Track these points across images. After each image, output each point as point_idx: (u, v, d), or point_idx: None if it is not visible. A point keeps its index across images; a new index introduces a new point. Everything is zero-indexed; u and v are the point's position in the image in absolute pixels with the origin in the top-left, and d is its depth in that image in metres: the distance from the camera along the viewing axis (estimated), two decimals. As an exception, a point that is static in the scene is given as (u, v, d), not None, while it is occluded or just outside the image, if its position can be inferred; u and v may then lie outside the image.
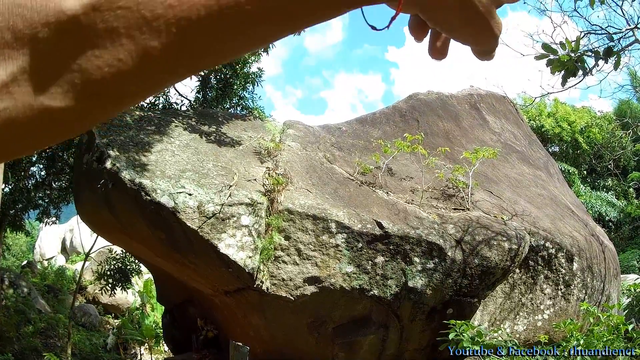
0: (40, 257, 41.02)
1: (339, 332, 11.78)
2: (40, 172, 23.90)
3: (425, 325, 11.94)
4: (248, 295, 11.23)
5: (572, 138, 31.82)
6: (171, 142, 11.97)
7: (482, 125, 17.73)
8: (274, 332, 12.21)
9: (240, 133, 13.36)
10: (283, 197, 11.02)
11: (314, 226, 10.81)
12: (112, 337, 24.35)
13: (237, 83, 18.63)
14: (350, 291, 11.00)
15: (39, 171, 23.96)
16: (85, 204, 12.85)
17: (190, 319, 14.69)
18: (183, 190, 10.30)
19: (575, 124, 31.98)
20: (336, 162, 13.14)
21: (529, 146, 18.99)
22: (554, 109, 33.10)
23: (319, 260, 10.86)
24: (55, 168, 22.89)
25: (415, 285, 11.11)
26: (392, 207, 11.78)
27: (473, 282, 11.50)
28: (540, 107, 32.04)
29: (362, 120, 15.74)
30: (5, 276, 22.97)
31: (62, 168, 22.98)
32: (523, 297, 13.00)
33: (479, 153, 13.41)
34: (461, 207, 12.59)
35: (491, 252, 11.41)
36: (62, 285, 29.72)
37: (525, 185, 15.46)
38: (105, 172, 10.73)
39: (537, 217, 13.29)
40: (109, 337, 24.40)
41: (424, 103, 16.79)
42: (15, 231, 26.31)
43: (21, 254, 43.11)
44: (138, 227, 11.14)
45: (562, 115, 32.32)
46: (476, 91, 19.19)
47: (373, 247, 11.00)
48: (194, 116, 13.89)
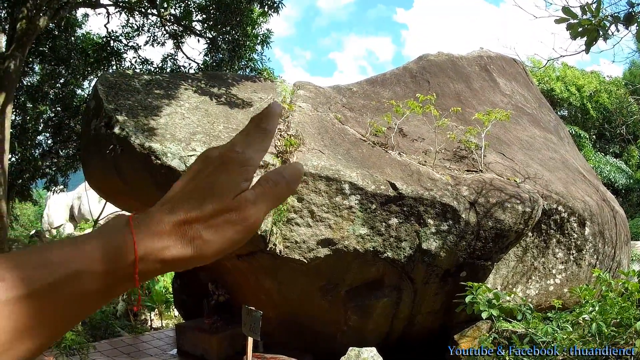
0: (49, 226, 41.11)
1: (352, 295, 11.72)
2: (47, 141, 23.86)
3: (438, 288, 11.87)
4: (260, 259, 11.14)
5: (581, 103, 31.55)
6: (180, 105, 11.80)
7: (493, 87, 17.55)
8: (287, 296, 12.15)
9: (251, 95, 13.18)
10: (295, 158, 10.88)
11: (327, 187, 10.68)
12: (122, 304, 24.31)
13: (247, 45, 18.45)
14: (364, 253, 10.90)
15: (45, 140, 23.93)
16: (93, 170, 12.72)
17: (200, 283, 14.63)
18: (194, 153, 10.16)
19: (584, 89, 31.69)
20: (348, 123, 12.98)
21: (539, 109, 18.82)
22: (562, 72, 32.79)
23: (332, 222, 10.75)
24: (62, 136, 22.85)
25: (429, 247, 11.01)
26: (405, 168, 11.64)
27: (487, 244, 11.40)
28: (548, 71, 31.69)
29: (373, 81, 15.55)
30: (13, 247, 22.90)
31: (69, 136, 22.94)
32: (535, 260, 12.91)
33: (491, 115, 13.26)
34: (474, 168, 12.46)
35: (505, 215, 11.29)
36: (72, 253, 29.68)
37: (536, 148, 15.31)
38: (114, 138, 10.59)
39: (549, 180, 13.16)
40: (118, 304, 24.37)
41: (434, 64, 16.61)
42: (22, 201, 26.33)
43: (29, 224, 43.08)
44: (148, 192, 11.01)
45: (570, 79, 32.01)
46: (486, 53, 19.00)
47: (387, 208, 10.88)
48: (203, 78, 13.70)
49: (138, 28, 20.61)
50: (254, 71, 18.98)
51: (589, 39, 7.65)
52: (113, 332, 19.06)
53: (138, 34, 20.69)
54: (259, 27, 18.59)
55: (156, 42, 20.48)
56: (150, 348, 15.13)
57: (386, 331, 12.57)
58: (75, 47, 21.31)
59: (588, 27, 7.50)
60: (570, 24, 7.53)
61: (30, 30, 15.49)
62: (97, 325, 18.83)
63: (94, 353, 13.10)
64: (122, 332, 19.44)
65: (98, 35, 22.23)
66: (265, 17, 18.07)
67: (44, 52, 21.31)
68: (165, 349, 14.93)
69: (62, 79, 22.62)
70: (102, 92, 11.56)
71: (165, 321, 24.70)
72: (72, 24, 21.22)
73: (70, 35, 21.30)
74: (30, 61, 21.66)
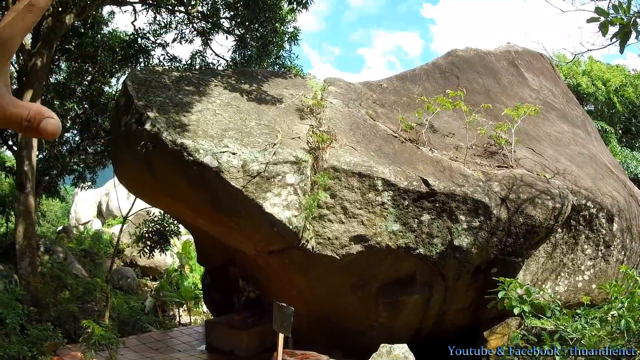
0: (76, 222, 41.33)
1: (383, 291, 11.72)
2: (75, 138, 24.00)
3: (469, 284, 11.86)
4: (292, 255, 11.16)
5: (607, 98, 31.23)
6: (212, 101, 11.82)
7: (521, 82, 17.46)
8: (318, 292, 12.17)
9: (282, 91, 13.19)
10: (328, 154, 10.87)
11: (359, 184, 10.68)
12: (151, 300, 24.49)
13: (275, 41, 18.45)
14: (396, 250, 10.90)
15: (73, 137, 24.07)
16: (124, 166, 12.77)
17: (231, 280, 14.71)
18: (227, 150, 10.18)
19: (610, 83, 31.36)
20: (379, 119, 12.95)
21: (567, 104, 18.70)
22: (588, 66, 32.46)
23: (365, 219, 10.75)
24: (90, 133, 22.97)
25: (461, 243, 10.99)
26: (436, 164, 11.61)
27: (517, 241, 11.36)
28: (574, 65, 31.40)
29: (402, 77, 15.51)
30: (40, 242, 23.07)
31: (97, 132, 23.06)
32: (565, 257, 12.86)
33: (520, 110, 13.19)
34: (504, 164, 12.40)
35: (535, 211, 11.24)
36: (99, 249, 29.83)
37: (565, 143, 15.22)
38: (145, 134, 10.62)
39: (578, 175, 13.09)
40: (147, 300, 24.53)
41: (462, 59, 16.55)
42: (50, 197, 26.53)
43: (56, 220, 43.39)
44: (180, 188, 11.06)
45: (596, 73, 31.68)
46: (513, 48, 18.89)
47: (419, 204, 10.87)
48: (233, 75, 13.71)
49: (165, 25, 20.58)
50: (283, 68, 18.97)
51: (623, 38, 7.57)
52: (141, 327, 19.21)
53: (166, 31, 20.68)
54: (288, 23, 18.62)
55: (184, 39, 20.44)
56: (179, 344, 15.20)
57: (416, 327, 12.58)
58: (102, 44, 21.37)
59: (621, 25, 7.42)
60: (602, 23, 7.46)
61: (57, 27, 15.60)
62: (125, 320, 18.97)
63: (122, 349, 13.19)
64: (150, 328, 19.60)
65: (125, 33, 22.29)
66: (293, 14, 18.07)
67: (70, 50, 21.41)
68: (194, 344, 15.00)
69: (89, 76, 22.69)
70: (132, 89, 11.60)
71: (193, 317, 24.83)
72: (99, 21, 21.28)
73: (97, 32, 21.36)
74: (57, 58, 21.79)
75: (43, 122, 1.14)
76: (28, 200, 15.06)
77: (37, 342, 12.11)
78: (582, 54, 13.13)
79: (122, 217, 22.55)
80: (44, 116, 1.15)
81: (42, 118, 1.15)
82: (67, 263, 23.08)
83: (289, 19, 18.29)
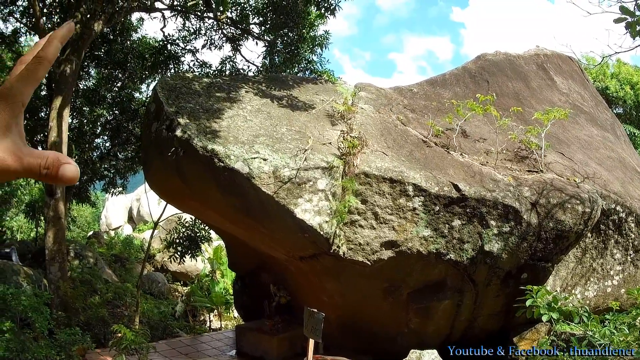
0: (107, 228, 41.79)
1: (414, 297, 11.70)
2: (105, 144, 24.21)
3: (499, 290, 11.79)
4: (323, 261, 11.18)
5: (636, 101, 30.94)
6: (242, 107, 11.88)
7: (550, 85, 17.36)
8: (349, 298, 12.18)
9: (312, 97, 13.23)
10: (359, 160, 10.87)
11: (390, 189, 10.67)
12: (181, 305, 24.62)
13: (304, 47, 18.47)
14: (427, 255, 10.87)
15: (103, 143, 24.30)
16: (154, 172, 12.87)
17: (262, 285, 14.74)
18: (257, 156, 10.22)
19: (638, 86, 31.05)
20: (410, 124, 12.94)
21: (596, 107, 18.57)
22: (616, 69, 32.18)
23: (396, 224, 10.73)
24: (120, 139, 23.15)
25: (492, 249, 10.93)
26: (467, 169, 11.58)
27: (547, 246, 11.28)
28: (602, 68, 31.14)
29: (433, 82, 15.51)
30: (70, 247, 23.32)
31: (128, 138, 23.23)
32: (594, 262, 12.78)
33: (550, 114, 13.12)
34: (535, 169, 12.34)
35: (565, 216, 11.15)
36: (130, 255, 30.14)
37: (594, 147, 15.11)
38: (176, 140, 10.70)
39: (607, 179, 12.99)
40: (177, 305, 24.68)
41: (492, 63, 16.50)
42: (80, 202, 26.79)
43: (87, 225, 43.77)
44: (210, 194, 11.12)
45: (624, 76, 31.40)
46: (542, 51, 18.79)
47: (450, 210, 10.83)
48: (263, 81, 13.78)
49: (195, 31, 20.78)
50: (314, 73, 19.00)
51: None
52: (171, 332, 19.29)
53: (195, 37, 20.86)
54: (316, 29, 18.64)
55: (214, 45, 20.61)
56: (209, 349, 15.28)
57: (446, 333, 12.52)
58: (131, 51, 21.57)
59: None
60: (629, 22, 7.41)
61: (85, 34, 15.76)
62: (155, 325, 19.06)
63: (152, 353, 13.26)
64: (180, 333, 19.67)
65: (154, 39, 22.47)
66: (322, 19, 18.07)
67: (99, 57, 21.65)
68: (224, 350, 15.06)
69: (119, 82, 22.95)
70: (162, 96, 11.69)
71: (224, 322, 24.87)
72: (128, 28, 21.50)
73: (126, 39, 21.57)
74: (87, 65, 22.02)
75: (61, 169, 1.17)
76: (58, 206, 15.21)
77: (65, 346, 12.20)
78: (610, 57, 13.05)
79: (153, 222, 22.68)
80: (62, 162, 1.18)
81: (60, 164, 1.17)
82: (97, 268, 23.32)
83: (317, 24, 18.29)
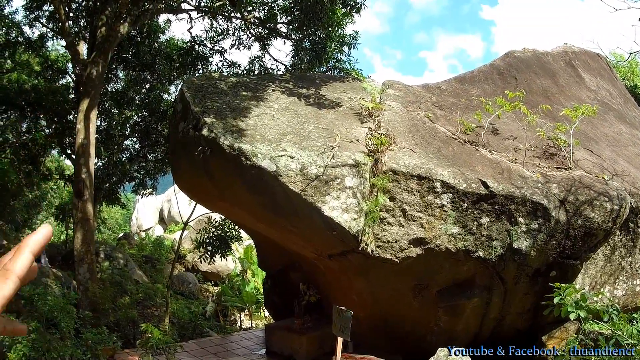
0: (138, 229, 42.11)
1: (443, 295, 11.65)
2: (135, 145, 24.38)
3: (528, 288, 11.70)
4: (352, 259, 11.16)
5: (664, 99, 30.62)
6: (269, 106, 11.91)
7: (579, 82, 17.23)
8: (377, 296, 12.16)
9: (340, 94, 13.23)
10: (387, 157, 10.84)
11: (419, 186, 10.63)
12: (212, 305, 24.73)
13: (332, 46, 18.46)
14: (456, 253, 10.81)
15: (132, 144, 24.47)
16: (182, 172, 12.94)
17: (292, 284, 14.78)
18: (285, 154, 10.22)
19: (667, 84, 30.69)
20: (438, 121, 12.90)
21: (625, 105, 18.39)
22: (644, 66, 31.84)
23: (424, 221, 10.69)
24: (149, 140, 23.29)
25: (520, 246, 10.85)
26: (495, 166, 11.50)
27: (576, 243, 11.16)
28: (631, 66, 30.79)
29: (461, 79, 15.45)
30: (100, 249, 23.51)
31: (157, 140, 23.38)
32: (623, 260, 12.64)
33: (578, 111, 13.02)
34: (563, 166, 12.23)
35: (594, 213, 11.03)
36: (160, 255, 30.23)
37: (623, 144, 14.96)
38: (203, 139, 10.75)
39: (636, 177, 12.84)
40: (208, 305, 24.76)
41: (520, 60, 16.40)
42: (110, 204, 26.97)
43: (117, 227, 44.10)
44: (238, 193, 11.15)
45: (652, 74, 31.06)
46: (570, 48, 18.66)
47: (478, 207, 10.76)
48: (291, 80, 13.80)
49: (222, 32, 20.84)
50: (342, 72, 18.94)
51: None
52: (201, 332, 19.36)
53: (223, 37, 20.91)
54: (344, 27, 18.59)
55: (242, 45, 20.62)
56: (238, 348, 15.32)
57: (475, 332, 12.46)
58: (159, 52, 21.72)
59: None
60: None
61: (111, 37, 15.86)
62: (185, 325, 19.15)
63: (180, 353, 13.32)
64: (210, 332, 19.75)
65: (182, 40, 22.61)
66: (349, 17, 18.02)
67: (127, 59, 21.82)
68: (254, 349, 15.09)
69: (147, 84, 23.12)
70: (188, 95, 11.77)
71: (255, 322, 24.95)
72: (155, 30, 21.61)
73: (153, 41, 21.71)
74: (115, 67, 22.21)
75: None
76: (86, 208, 15.31)
77: (92, 346, 12.25)
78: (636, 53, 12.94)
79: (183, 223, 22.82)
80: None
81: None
82: (127, 269, 23.47)
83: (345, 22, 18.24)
